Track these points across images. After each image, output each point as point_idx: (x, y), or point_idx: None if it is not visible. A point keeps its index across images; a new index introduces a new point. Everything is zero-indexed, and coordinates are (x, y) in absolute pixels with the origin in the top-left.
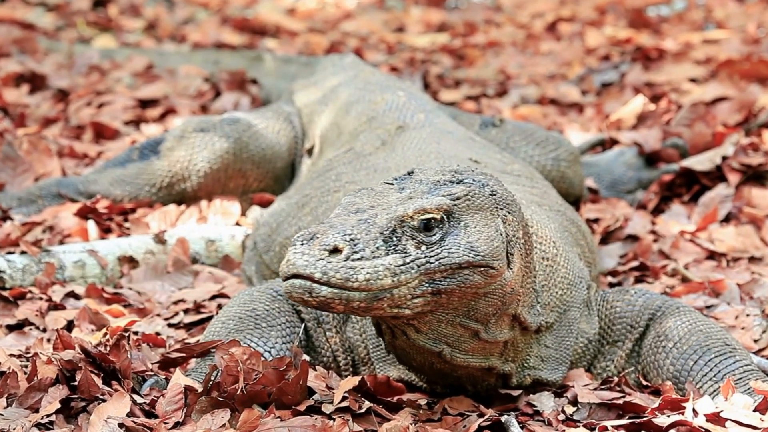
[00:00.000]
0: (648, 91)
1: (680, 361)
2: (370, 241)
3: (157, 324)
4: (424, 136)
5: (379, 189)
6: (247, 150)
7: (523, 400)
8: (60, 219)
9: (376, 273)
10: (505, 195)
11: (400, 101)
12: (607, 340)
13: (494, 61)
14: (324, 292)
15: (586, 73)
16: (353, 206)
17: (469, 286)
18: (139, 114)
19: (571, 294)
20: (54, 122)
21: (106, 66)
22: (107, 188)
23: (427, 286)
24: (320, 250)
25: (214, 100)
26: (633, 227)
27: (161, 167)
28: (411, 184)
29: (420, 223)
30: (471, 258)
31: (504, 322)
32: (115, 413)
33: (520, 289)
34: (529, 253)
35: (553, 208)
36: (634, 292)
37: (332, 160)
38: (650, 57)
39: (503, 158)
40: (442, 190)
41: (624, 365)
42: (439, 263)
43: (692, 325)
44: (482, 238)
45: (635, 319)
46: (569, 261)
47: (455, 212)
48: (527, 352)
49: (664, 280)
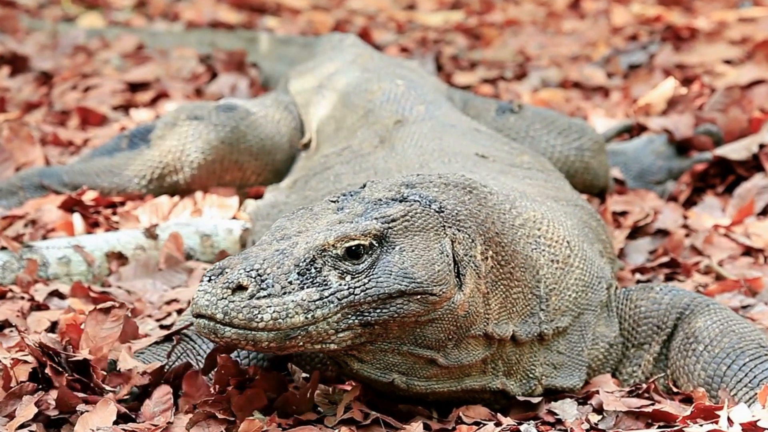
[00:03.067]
0: (679, 73)
1: (712, 366)
2: (282, 276)
3: (148, 325)
4: (425, 132)
5: (317, 209)
6: (244, 140)
7: (543, 408)
8: (43, 212)
9: (285, 311)
10: (456, 211)
11: (398, 91)
12: (632, 343)
13: (513, 41)
14: (228, 333)
15: (612, 54)
16: (280, 232)
17: (407, 316)
18: (129, 98)
19: (587, 296)
20: (36, 107)
21: (93, 46)
22: (93, 180)
23: (354, 319)
24: (223, 288)
25: (209, 83)
26: (663, 221)
27: (151, 158)
28: (351, 203)
29: (344, 252)
30: (404, 286)
31: (469, 344)
32: (101, 423)
33: (480, 310)
34: (504, 265)
35: (572, 202)
36: (660, 289)
37: (328, 157)
38: (681, 37)
39: (511, 150)
40: (377, 212)
41: (652, 370)
42: (365, 294)
43: (724, 325)
44: (420, 263)
45: (662, 319)
46: (586, 261)
47: (389, 235)
48: (529, 362)
49: (696, 278)
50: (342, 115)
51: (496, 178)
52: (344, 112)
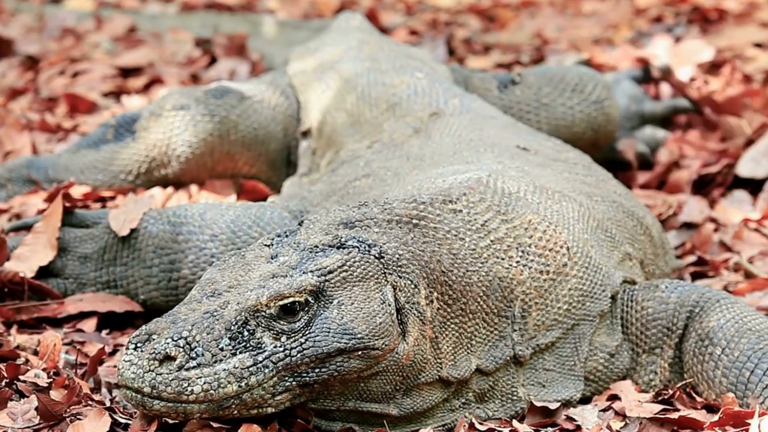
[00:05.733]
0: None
1: (733, 372)
2: (212, 342)
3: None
4: (464, 123)
5: (250, 257)
6: (235, 131)
7: (562, 414)
8: (28, 206)
9: (216, 381)
10: (397, 255)
11: (423, 84)
12: (643, 348)
13: (529, 23)
14: (157, 405)
15: (635, 38)
16: (211, 286)
17: (348, 373)
18: (120, 84)
19: (585, 306)
20: (22, 94)
21: (82, 29)
22: (78, 177)
23: (291, 381)
24: (150, 360)
25: (207, 68)
26: (689, 213)
27: (137, 152)
28: (286, 250)
29: (278, 310)
30: (343, 344)
31: (422, 390)
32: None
33: (428, 356)
34: (453, 303)
35: (607, 200)
36: (665, 287)
37: (355, 150)
38: (709, 18)
39: (555, 146)
40: (313, 263)
41: (670, 377)
42: (302, 356)
43: (739, 322)
44: (360, 316)
45: (671, 321)
46: (588, 268)
47: (327, 289)
48: (508, 385)
49: (725, 276)
50: (359, 109)
51: (527, 172)
52: (361, 106)
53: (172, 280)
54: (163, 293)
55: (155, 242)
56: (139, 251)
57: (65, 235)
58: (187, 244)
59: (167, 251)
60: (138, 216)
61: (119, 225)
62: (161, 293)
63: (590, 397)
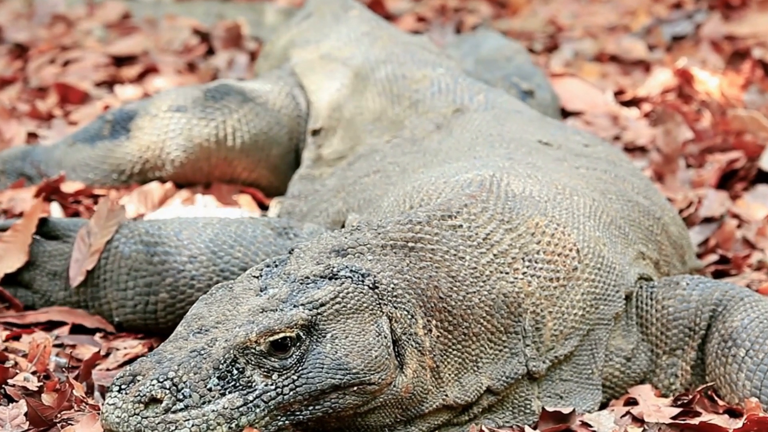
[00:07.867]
0: (728, 45)
1: (758, 375)
2: (200, 383)
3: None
4: (487, 118)
5: (238, 290)
6: (233, 137)
7: (576, 420)
8: (17, 201)
9: (205, 422)
10: (392, 285)
11: (447, 80)
12: (663, 350)
13: (542, 9)
14: None
15: (653, 24)
16: (197, 322)
17: (344, 409)
18: (113, 73)
19: (599, 309)
20: (10, 83)
21: (73, 15)
22: (69, 174)
23: (284, 420)
24: (135, 403)
25: (205, 57)
26: (709, 208)
27: (130, 152)
28: (276, 281)
29: (268, 347)
30: (338, 380)
31: (426, 418)
32: None
33: (430, 386)
34: (454, 329)
35: (623, 197)
36: (687, 284)
37: (374, 145)
38: (731, 4)
39: (583, 139)
40: (304, 295)
41: (691, 380)
42: (295, 393)
43: (764, 322)
44: (355, 350)
45: (693, 320)
46: (601, 269)
47: (319, 322)
48: (521, 398)
49: (747, 274)
50: (381, 106)
51: (538, 167)
52: (383, 103)
53: (150, 303)
54: (140, 317)
55: (128, 263)
56: (111, 273)
57: (35, 247)
58: (163, 266)
59: (142, 273)
60: (108, 235)
61: (75, 272)
62: (138, 317)
63: (606, 402)
